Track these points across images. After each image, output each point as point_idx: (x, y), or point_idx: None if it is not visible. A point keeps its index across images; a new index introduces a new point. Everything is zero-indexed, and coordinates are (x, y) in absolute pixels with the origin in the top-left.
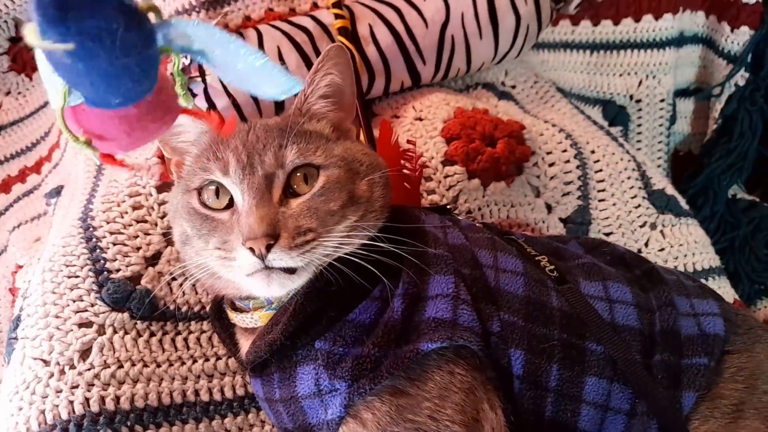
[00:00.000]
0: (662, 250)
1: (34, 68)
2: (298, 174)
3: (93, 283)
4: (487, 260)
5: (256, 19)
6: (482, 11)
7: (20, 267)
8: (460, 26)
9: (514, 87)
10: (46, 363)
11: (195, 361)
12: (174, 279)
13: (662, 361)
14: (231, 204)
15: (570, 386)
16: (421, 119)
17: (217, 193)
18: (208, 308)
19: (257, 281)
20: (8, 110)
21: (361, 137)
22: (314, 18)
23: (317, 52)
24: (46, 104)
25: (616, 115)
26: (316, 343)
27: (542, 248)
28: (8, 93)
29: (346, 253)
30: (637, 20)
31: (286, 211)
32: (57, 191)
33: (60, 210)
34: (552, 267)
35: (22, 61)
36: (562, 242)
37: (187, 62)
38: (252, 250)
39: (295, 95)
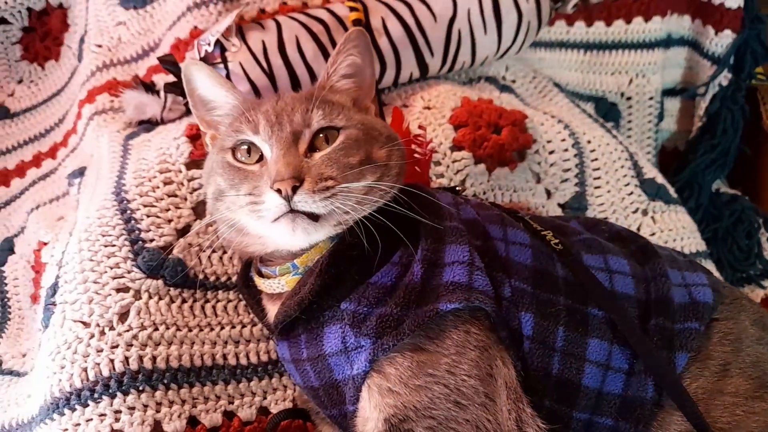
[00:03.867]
0: (653, 234)
1: (47, 57)
2: (321, 135)
3: (129, 251)
4: (497, 234)
5: (270, 12)
6: (487, 7)
7: (44, 244)
8: (466, 21)
9: (514, 81)
10: (86, 325)
11: (222, 328)
12: (203, 251)
13: (657, 325)
14: (261, 159)
15: (574, 346)
16: (429, 108)
17: (249, 152)
18: (234, 278)
19: (282, 227)
20: (20, 98)
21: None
22: (330, 10)
23: (333, 43)
24: (59, 92)
25: (607, 111)
26: (342, 304)
27: (546, 225)
28: (20, 81)
29: (365, 216)
30: (628, 22)
31: (310, 162)
32: (80, 172)
33: (86, 188)
34: (557, 241)
35: (35, 51)
36: (564, 221)
37: (210, 49)
38: (279, 191)
39: None
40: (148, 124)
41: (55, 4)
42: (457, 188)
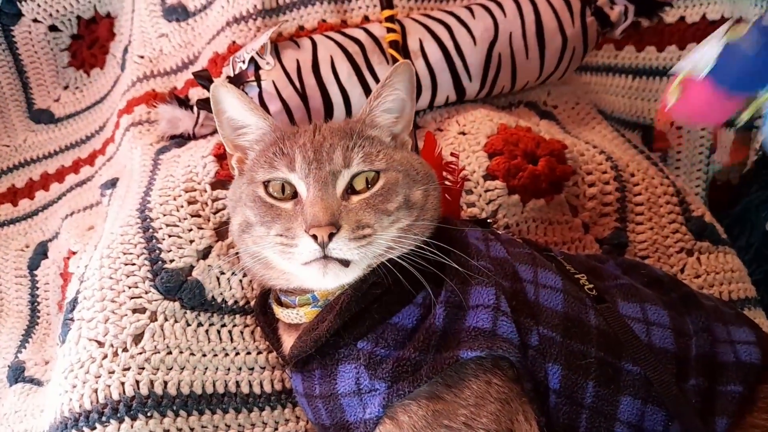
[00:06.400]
0: (698, 277)
1: (93, 65)
2: (360, 175)
3: (148, 271)
4: (527, 275)
5: (309, 29)
6: (530, 32)
7: (73, 253)
8: (507, 45)
9: (555, 107)
10: (101, 344)
11: (237, 354)
12: (222, 273)
13: (697, 385)
14: (295, 195)
15: (605, 404)
16: (464, 133)
17: (282, 188)
18: (252, 303)
19: (313, 270)
20: (65, 103)
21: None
22: (367, 30)
23: (368, 63)
24: (101, 100)
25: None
26: (359, 343)
27: (581, 266)
28: (66, 87)
29: (395, 257)
30: (681, 48)
31: (348, 205)
32: (112, 183)
33: (115, 200)
34: (591, 286)
35: (81, 58)
36: (600, 261)
37: (244, 67)
38: (315, 237)
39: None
40: (180, 139)
41: (103, 13)
42: (489, 221)
